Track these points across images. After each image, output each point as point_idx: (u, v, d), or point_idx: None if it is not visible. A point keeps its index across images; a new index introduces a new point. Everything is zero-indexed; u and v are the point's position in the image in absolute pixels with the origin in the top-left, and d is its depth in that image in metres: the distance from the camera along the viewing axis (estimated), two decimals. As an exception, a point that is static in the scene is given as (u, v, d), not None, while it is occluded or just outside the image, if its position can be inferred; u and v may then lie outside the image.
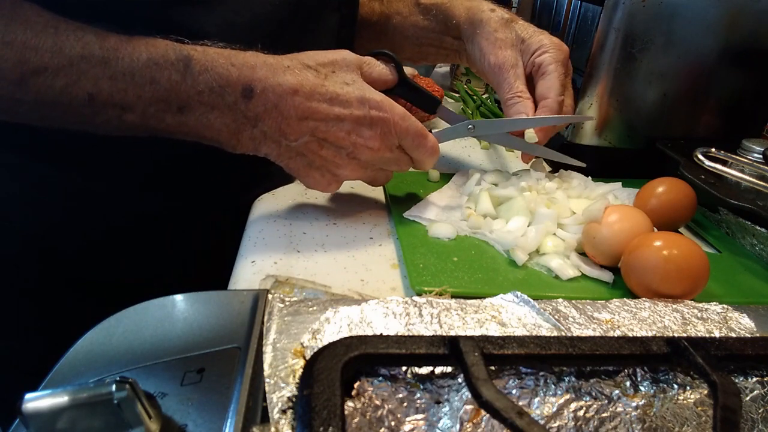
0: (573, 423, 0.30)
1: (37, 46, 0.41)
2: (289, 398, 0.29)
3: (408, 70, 0.53)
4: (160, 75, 0.43)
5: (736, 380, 0.33)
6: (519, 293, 0.40)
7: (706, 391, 0.32)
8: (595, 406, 0.31)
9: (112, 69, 0.42)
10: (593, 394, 0.31)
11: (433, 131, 0.53)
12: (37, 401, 0.26)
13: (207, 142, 0.47)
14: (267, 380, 0.30)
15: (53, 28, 0.41)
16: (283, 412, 0.29)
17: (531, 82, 0.60)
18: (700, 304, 0.41)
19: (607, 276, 0.47)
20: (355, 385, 0.30)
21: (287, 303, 0.38)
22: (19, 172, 0.54)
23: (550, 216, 0.52)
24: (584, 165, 0.53)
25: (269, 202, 0.57)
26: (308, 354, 0.32)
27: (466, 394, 0.30)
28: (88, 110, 0.43)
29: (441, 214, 0.55)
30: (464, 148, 0.78)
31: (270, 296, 0.38)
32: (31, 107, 0.43)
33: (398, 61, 0.53)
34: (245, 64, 0.45)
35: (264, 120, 0.45)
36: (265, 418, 0.29)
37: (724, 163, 0.58)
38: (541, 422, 0.30)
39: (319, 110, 0.46)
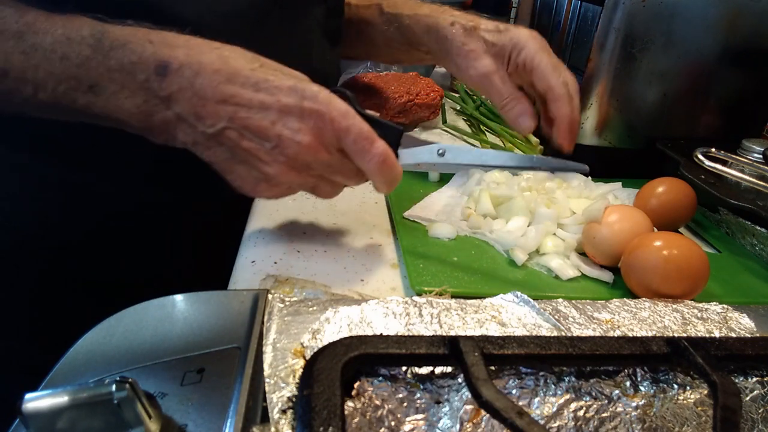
0: (573, 423, 0.30)
1: None
2: (289, 398, 0.29)
3: (370, 112, 0.49)
4: (71, 50, 0.40)
5: (736, 380, 0.33)
6: (519, 293, 0.40)
7: (706, 391, 0.32)
8: (595, 406, 0.31)
9: (25, 44, 0.40)
10: (593, 394, 0.31)
11: (398, 151, 0.47)
12: (37, 401, 0.26)
13: (122, 127, 0.43)
14: (267, 380, 0.30)
15: None
16: (283, 412, 0.29)
17: (518, 78, 0.59)
18: (700, 304, 0.41)
19: (607, 276, 0.47)
20: (355, 385, 0.30)
21: (287, 303, 0.38)
22: (16, 170, 0.54)
23: (550, 216, 0.52)
24: (587, 168, 0.50)
25: (269, 202, 0.57)
26: (308, 354, 0.32)
27: (466, 394, 0.30)
28: (4, 87, 0.41)
29: (441, 214, 0.55)
30: (464, 148, 0.78)
31: (270, 296, 0.38)
32: None
33: (353, 97, 0.47)
34: (164, 41, 0.41)
35: (178, 101, 0.41)
36: (265, 418, 0.29)
37: (724, 163, 0.58)
38: (541, 422, 0.30)
39: (241, 94, 0.40)
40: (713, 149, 0.60)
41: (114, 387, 0.26)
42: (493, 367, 0.31)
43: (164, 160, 0.55)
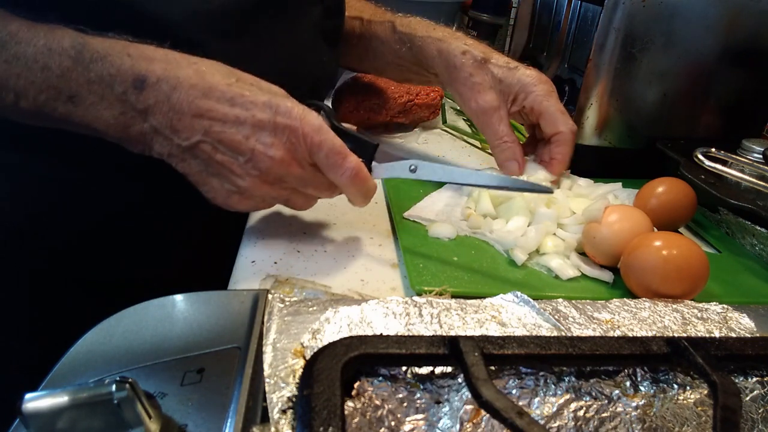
0: (573, 423, 0.30)
1: None
2: (289, 398, 0.29)
3: (346, 126, 0.49)
4: (52, 61, 0.41)
5: (736, 380, 0.33)
6: (519, 293, 0.40)
7: (706, 391, 0.32)
8: (595, 406, 0.31)
9: (7, 53, 0.41)
10: (593, 394, 0.31)
11: (372, 164, 0.48)
12: (37, 401, 0.26)
13: (101, 135, 0.44)
14: (267, 380, 0.30)
15: None
16: (283, 412, 0.29)
17: (519, 117, 0.61)
18: (700, 304, 0.41)
19: (607, 276, 0.47)
20: (355, 385, 0.30)
21: (287, 303, 0.38)
22: (15, 169, 0.54)
23: (550, 216, 0.52)
24: (552, 190, 0.49)
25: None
26: (308, 354, 0.32)
27: (466, 394, 0.30)
28: None
29: (441, 214, 0.55)
30: (464, 148, 0.78)
31: (270, 296, 0.38)
32: None
33: (329, 110, 0.49)
34: (142, 55, 0.42)
35: (154, 114, 0.42)
36: (265, 418, 0.29)
37: (724, 163, 0.58)
38: (541, 422, 0.30)
39: (216, 109, 0.42)
40: (713, 149, 0.60)
41: (114, 387, 0.26)
42: (493, 367, 0.31)
43: (164, 161, 0.55)
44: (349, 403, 0.29)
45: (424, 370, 0.31)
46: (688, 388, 0.33)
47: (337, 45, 0.67)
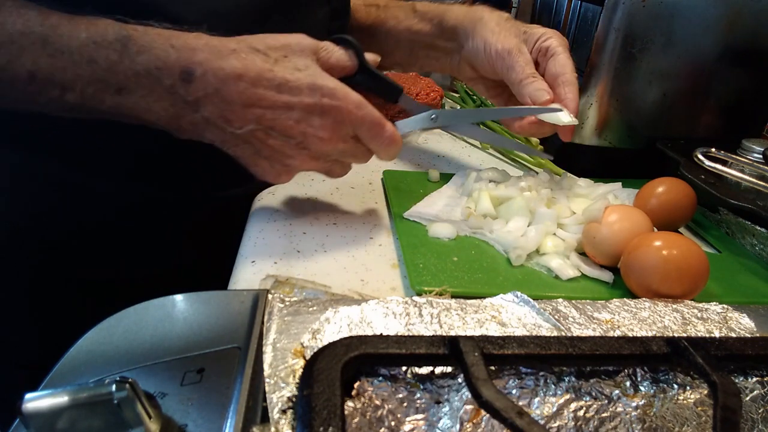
0: (573, 423, 0.30)
1: None
2: (289, 398, 0.29)
3: (369, 57, 0.51)
4: (98, 54, 0.41)
5: (736, 380, 0.33)
6: (519, 293, 0.40)
7: (706, 391, 0.32)
8: (595, 406, 0.31)
9: (51, 47, 0.41)
10: (593, 394, 0.31)
11: (394, 121, 0.50)
12: (37, 401, 0.26)
13: (150, 125, 0.45)
14: (267, 380, 0.30)
15: None
16: (283, 412, 0.29)
17: (539, 62, 0.60)
18: (700, 304, 0.41)
19: (607, 276, 0.47)
20: (355, 385, 0.30)
21: (287, 303, 0.38)
22: (15, 168, 0.54)
23: (550, 216, 0.52)
24: (552, 157, 0.54)
25: (269, 202, 0.57)
26: (308, 354, 0.32)
27: (466, 394, 0.30)
28: (30, 88, 0.42)
29: (441, 214, 0.55)
30: (464, 148, 0.78)
31: (270, 296, 0.38)
32: None
33: (358, 47, 0.50)
34: (186, 46, 0.43)
35: (205, 105, 0.43)
36: (265, 418, 0.29)
37: (724, 163, 0.58)
38: (541, 422, 0.30)
39: (266, 97, 0.43)
40: (713, 149, 0.60)
41: (114, 387, 0.26)
42: (493, 367, 0.31)
43: (165, 160, 0.55)
44: (349, 403, 0.29)
45: (424, 370, 0.31)
46: (688, 388, 0.33)
47: None
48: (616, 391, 0.32)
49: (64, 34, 0.41)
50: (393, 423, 0.29)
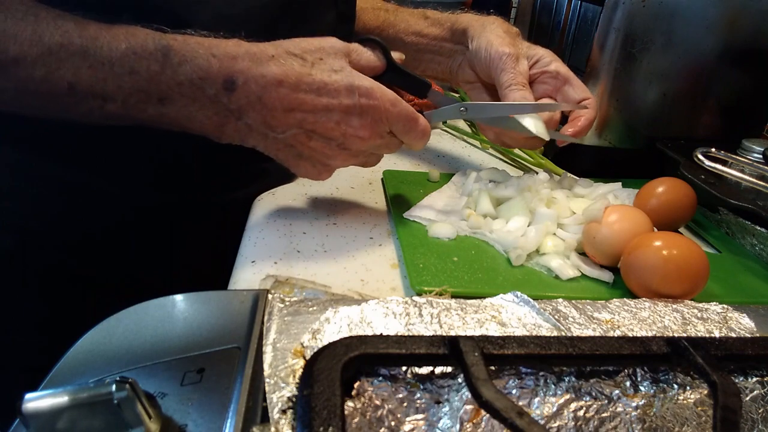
0: (573, 423, 0.30)
1: (16, 34, 0.40)
2: (289, 398, 0.29)
3: (395, 55, 0.53)
4: (140, 65, 0.42)
5: (736, 380, 0.33)
6: (519, 293, 0.40)
7: (706, 391, 0.32)
8: (595, 406, 0.31)
9: (91, 58, 0.41)
10: (593, 394, 0.31)
11: (424, 113, 0.52)
12: (37, 401, 0.26)
13: (192, 132, 0.46)
14: (267, 380, 0.30)
15: (33, 15, 0.41)
16: (283, 412, 0.29)
17: (548, 83, 0.61)
18: (700, 304, 0.41)
19: (607, 276, 0.47)
20: (355, 385, 0.30)
21: (287, 303, 0.38)
22: (18, 170, 0.54)
23: (550, 216, 0.52)
24: (576, 139, 0.56)
25: (269, 202, 0.57)
26: (308, 354, 0.32)
27: (466, 394, 0.30)
28: (70, 99, 0.42)
29: (441, 214, 0.55)
30: (464, 148, 0.78)
31: (270, 296, 0.38)
32: (12, 96, 0.43)
33: (385, 47, 0.51)
34: (226, 55, 0.43)
35: (248, 113, 0.44)
36: (265, 418, 0.29)
37: (724, 163, 0.58)
38: (541, 422, 0.30)
39: (306, 101, 0.44)
40: (713, 149, 0.60)
41: (114, 387, 0.26)
42: (493, 367, 0.31)
43: (165, 162, 0.55)
44: (349, 403, 0.29)
45: (424, 370, 0.31)
46: (688, 388, 0.33)
47: None
48: (616, 391, 0.32)
49: (104, 45, 0.41)
50: (393, 423, 0.29)
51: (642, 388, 0.32)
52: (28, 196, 0.55)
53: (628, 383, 0.32)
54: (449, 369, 0.31)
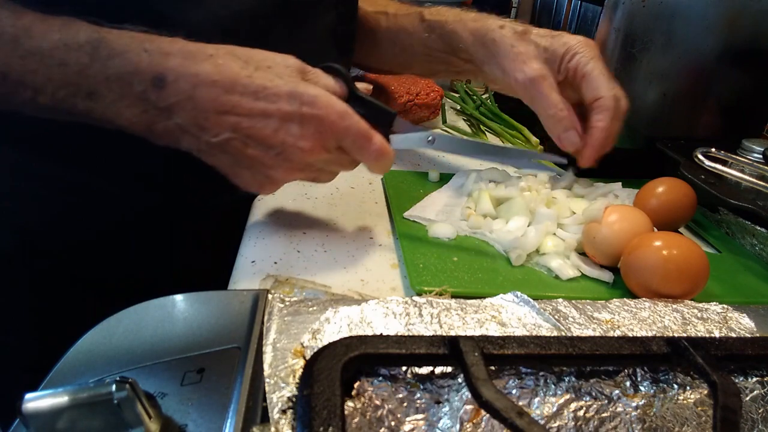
0: (573, 423, 0.30)
1: None
2: (289, 398, 0.29)
3: (362, 86, 0.50)
4: (69, 57, 0.40)
5: (736, 380, 0.33)
6: (519, 293, 0.40)
7: (706, 391, 0.32)
8: (595, 406, 0.31)
9: (21, 48, 0.40)
10: (593, 394, 0.31)
11: (390, 136, 0.48)
12: (37, 401, 0.26)
13: (124, 130, 0.44)
14: (267, 380, 0.30)
15: None
16: (283, 412, 0.29)
17: (568, 88, 0.56)
18: (700, 304, 0.41)
19: (607, 276, 0.47)
20: (355, 385, 0.30)
21: (287, 303, 0.38)
22: (17, 170, 0.54)
23: (550, 216, 0.52)
24: (564, 160, 0.51)
25: (269, 202, 0.57)
26: (308, 354, 0.32)
27: (466, 394, 0.30)
28: (3, 89, 0.41)
29: (441, 214, 0.55)
30: (464, 148, 0.78)
31: (270, 296, 0.38)
32: None
33: (347, 75, 0.48)
34: (159, 51, 0.41)
35: (178, 112, 0.41)
36: (265, 418, 0.29)
37: (724, 163, 0.58)
38: (541, 422, 0.30)
39: (241, 104, 0.41)
40: (713, 149, 0.60)
41: (114, 387, 0.26)
42: (493, 367, 0.31)
43: (165, 162, 0.55)
44: (349, 403, 0.29)
45: (424, 370, 0.31)
46: (688, 388, 0.33)
47: (349, 49, 0.67)
48: (616, 391, 0.32)
49: (36, 36, 0.40)
50: (393, 423, 0.29)
51: (642, 388, 0.32)
52: (28, 197, 0.55)
53: (628, 383, 0.32)
54: (449, 369, 0.31)
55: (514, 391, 0.31)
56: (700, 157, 0.58)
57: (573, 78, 0.54)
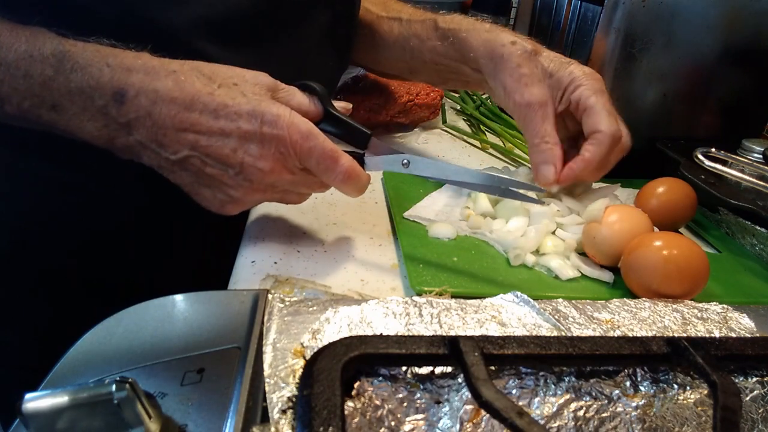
0: (573, 423, 0.30)
1: None
2: (289, 398, 0.29)
3: (340, 105, 0.49)
4: (34, 69, 0.40)
5: (736, 380, 0.33)
6: (519, 293, 0.40)
7: (706, 391, 0.32)
8: (595, 406, 0.31)
9: None
10: (593, 394, 0.31)
11: (365, 157, 0.48)
12: (37, 401, 0.26)
13: (89, 142, 0.44)
14: (267, 380, 0.30)
15: None
16: (283, 412, 0.29)
17: (568, 120, 0.55)
18: (700, 304, 0.41)
19: (607, 276, 0.47)
20: (355, 385, 0.30)
21: (287, 303, 0.38)
22: (15, 170, 0.54)
23: (545, 213, 0.51)
24: (543, 191, 0.49)
25: (269, 202, 0.57)
26: (308, 354, 0.32)
27: (466, 394, 0.30)
28: None
29: (441, 214, 0.55)
30: (464, 148, 0.78)
31: (270, 296, 0.38)
32: None
33: (323, 94, 0.47)
34: (121, 66, 0.41)
35: (138, 128, 0.41)
36: (265, 418, 0.29)
37: (724, 163, 0.58)
38: (541, 422, 0.30)
39: (200, 122, 0.41)
40: (713, 149, 0.60)
41: (114, 387, 0.26)
42: (493, 367, 0.31)
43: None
44: (349, 403, 0.29)
45: (424, 370, 0.31)
46: (688, 388, 0.33)
47: (347, 50, 0.67)
48: (616, 391, 0.32)
49: (3, 46, 0.40)
50: (393, 423, 0.29)
51: (642, 388, 0.32)
52: (27, 197, 0.55)
53: (628, 383, 0.32)
54: (449, 369, 0.31)
55: (514, 391, 0.31)
56: (700, 157, 0.58)
57: (575, 110, 0.53)
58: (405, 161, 0.47)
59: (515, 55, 0.53)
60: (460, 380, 0.31)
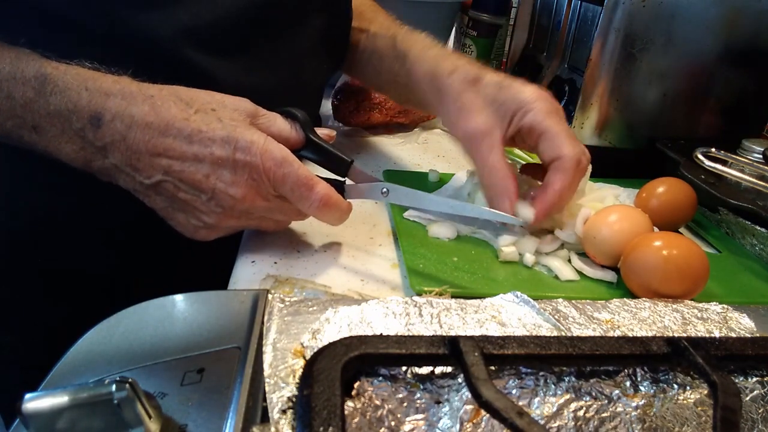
0: (573, 423, 0.30)
1: None
2: (289, 398, 0.29)
3: (324, 132, 0.49)
4: (16, 91, 0.41)
5: (736, 380, 0.33)
6: (519, 293, 0.40)
7: (706, 391, 0.32)
8: (595, 406, 0.31)
9: None
10: (593, 394, 0.31)
11: (345, 185, 0.48)
12: (37, 401, 0.26)
13: (69, 164, 0.44)
14: (267, 380, 0.30)
15: None
16: (283, 412, 0.29)
17: (519, 142, 0.52)
18: (700, 304, 0.41)
19: (608, 276, 0.47)
20: (355, 385, 0.30)
21: (287, 303, 0.38)
22: (18, 169, 0.54)
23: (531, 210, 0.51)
24: (521, 222, 0.47)
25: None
26: (308, 354, 0.32)
27: (466, 394, 0.30)
28: None
29: (441, 214, 0.55)
30: (464, 148, 0.78)
31: (270, 296, 0.38)
32: None
33: (305, 121, 0.47)
34: (99, 90, 0.41)
35: (113, 152, 0.42)
36: (265, 418, 0.29)
37: (724, 163, 0.58)
38: (541, 422, 0.30)
39: (174, 147, 0.41)
40: (713, 149, 0.60)
41: (114, 387, 0.26)
42: (493, 367, 0.31)
43: None
44: (349, 403, 0.29)
45: (424, 370, 0.31)
46: (688, 388, 0.33)
47: (343, 52, 0.66)
48: (616, 391, 0.32)
49: None
50: (393, 423, 0.29)
51: (642, 388, 0.32)
52: (27, 198, 0.55)
53: (628, 383, 0.32)
54: (449, 369, 0.31)
55: (514, 391, 0.31)
56: (700, 157, 0.58)
57: (528, 135, 0.50)
58: (384, 190, 0.47)
59: (455, 86, 0.51)
60: (460, 380, 0.31)
